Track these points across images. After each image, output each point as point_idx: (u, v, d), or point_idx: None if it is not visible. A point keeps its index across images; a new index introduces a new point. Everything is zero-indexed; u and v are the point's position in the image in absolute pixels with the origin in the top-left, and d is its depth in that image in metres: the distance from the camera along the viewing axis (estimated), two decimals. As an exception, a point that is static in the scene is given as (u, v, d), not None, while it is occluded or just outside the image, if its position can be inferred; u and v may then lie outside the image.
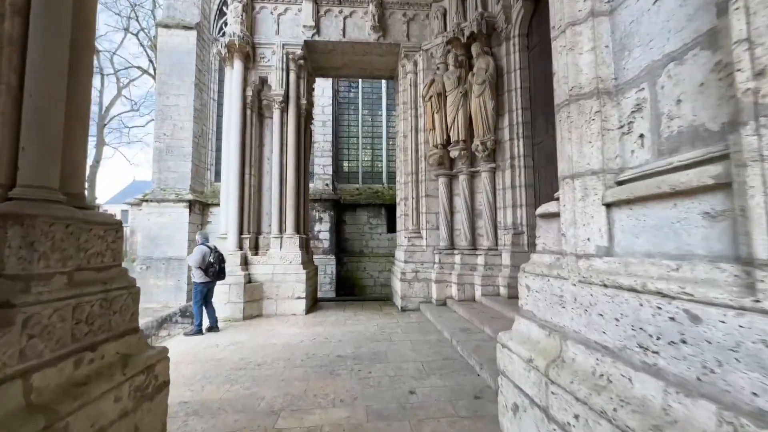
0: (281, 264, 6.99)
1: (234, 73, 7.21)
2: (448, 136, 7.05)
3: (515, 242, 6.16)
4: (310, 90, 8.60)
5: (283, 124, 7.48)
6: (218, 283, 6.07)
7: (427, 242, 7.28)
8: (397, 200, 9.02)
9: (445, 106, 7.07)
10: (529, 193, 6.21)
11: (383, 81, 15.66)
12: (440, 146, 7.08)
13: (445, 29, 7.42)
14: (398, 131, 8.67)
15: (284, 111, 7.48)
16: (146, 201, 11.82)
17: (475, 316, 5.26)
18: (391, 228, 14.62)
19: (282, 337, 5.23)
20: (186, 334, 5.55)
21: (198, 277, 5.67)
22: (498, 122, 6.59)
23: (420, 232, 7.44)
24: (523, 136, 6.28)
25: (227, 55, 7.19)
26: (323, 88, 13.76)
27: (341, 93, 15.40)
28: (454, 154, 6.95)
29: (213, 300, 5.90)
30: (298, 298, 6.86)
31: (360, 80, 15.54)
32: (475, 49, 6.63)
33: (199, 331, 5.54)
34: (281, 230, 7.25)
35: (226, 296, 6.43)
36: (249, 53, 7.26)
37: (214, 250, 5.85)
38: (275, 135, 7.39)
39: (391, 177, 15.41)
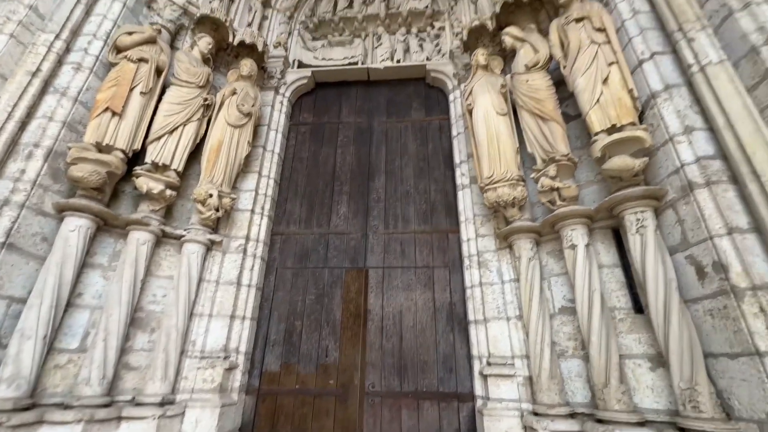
0: None
1: None
2: (144, 147, 3.46)
3: (224, 386, 3.34)
4: None
5: None
6: None
7: (-66, 390, 2.20)
8: None
9: (159, 96, 3.67)
10: (257, 298, 3.98)
11: None
12: (120, 154, 3.22)
13: (190, -3, 4.51)
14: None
15: None
16: None
17: None
18: None
19: None
20: None
21: None
22: (239, 181, 4.23)
23: None
24: (267, 216, 4.34)
25: None
26: None
27: None
28: (148, 185, 3.34)
29: None
30: None
31: None
32: (246, 66, 4.38)
33: None
34: None
35: None
36: None
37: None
38: None
39: None
